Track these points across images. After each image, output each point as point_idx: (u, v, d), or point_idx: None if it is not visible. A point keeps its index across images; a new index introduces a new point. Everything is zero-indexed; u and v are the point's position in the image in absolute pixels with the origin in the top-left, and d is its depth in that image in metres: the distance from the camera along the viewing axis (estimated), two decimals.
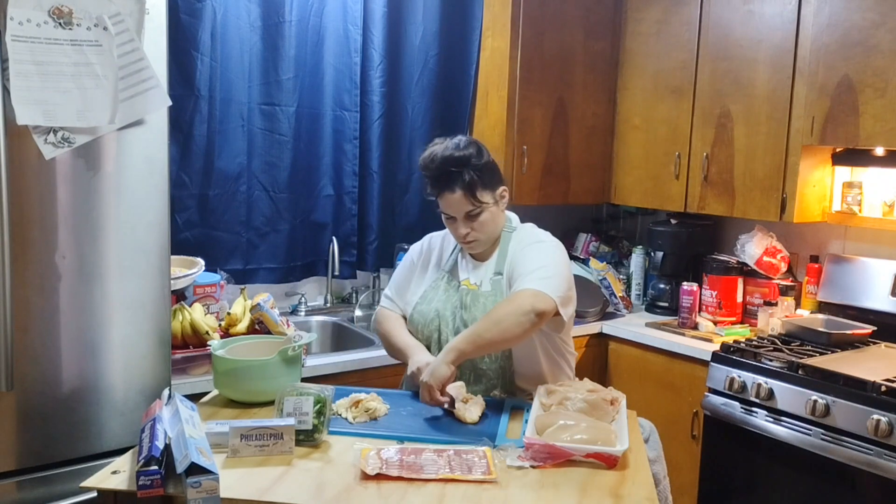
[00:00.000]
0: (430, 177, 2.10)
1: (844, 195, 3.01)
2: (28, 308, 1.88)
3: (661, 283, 3.49)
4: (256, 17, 2.91)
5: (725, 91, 3.12)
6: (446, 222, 2.15)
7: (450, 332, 2.11)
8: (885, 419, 2.30)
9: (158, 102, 1.98)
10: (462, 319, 2.10)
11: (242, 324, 2.66)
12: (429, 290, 2.19)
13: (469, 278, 2.18)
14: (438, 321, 2.13)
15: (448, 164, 2.06)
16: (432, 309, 2.14)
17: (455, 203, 2.07)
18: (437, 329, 2.13)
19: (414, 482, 1.58)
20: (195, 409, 1.82)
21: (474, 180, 2.06)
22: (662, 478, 1.99)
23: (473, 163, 2.07)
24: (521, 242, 2.16)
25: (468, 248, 2.17)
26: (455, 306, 2.13)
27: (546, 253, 2.10)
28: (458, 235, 2.12)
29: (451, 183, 2.06)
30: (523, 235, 2.19)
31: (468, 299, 2.12)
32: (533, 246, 2.12)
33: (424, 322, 2.14)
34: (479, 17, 3.40)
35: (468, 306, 2.11)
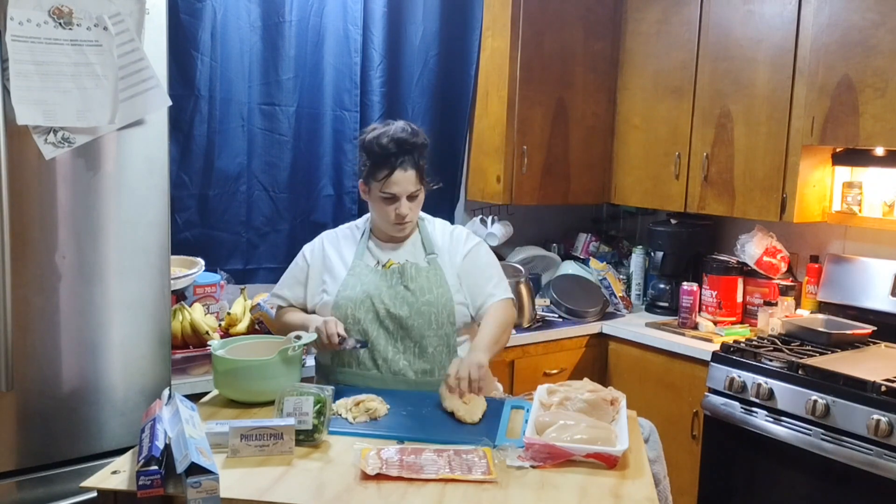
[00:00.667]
0: (381, 154, 2.18)
1: (844, 195, 3.01)
2: (28, 308, 1.88)
3: (661, 283, 3.49)
4: (256, 17, 2.91)
5: (725, 91, 3.12)
6: (383, 203, 2.21)
7: (387, 304, 2.17)
8: (885, 419, 2.30)
9: (158, 102, 1.98)
10: (407, 289, 2.19)
11: (242, 324, 2.66)
12: (349, 278, 2.24)
13: (390, 259, 2.26)
14: (370, 300, 2.18)
15: (404, 144, 2.18)
16: (359, 291, 2.20)
17: (405, 182, 2.18)
18: (372, 307, 2.18)
19: (414, 482, 1.58)
20: (195, 409, 1.82)
21: (422, 163, 2.23)
22: (662, 478, 1.99)
23: (420, 145, 2.22)
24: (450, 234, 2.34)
25: (400, 228, 2.25)
26: (390, 283, 2.20)
27: (492, 257, 2.37)
28: (399, 215, 2.21)
29: (405, 163, 2.18)
30: (441, 225, 2.37)
31: (412, 271, 2.21)
32: (479, 247, 2.34)
33: (355, 305, 2.19)
34: (479, 17, 3.40)
35: (412, 276, 2.21)
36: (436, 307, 2.18)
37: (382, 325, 2.18)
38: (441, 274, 2.23)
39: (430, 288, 2.20)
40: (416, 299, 2.17)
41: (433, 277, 2.22)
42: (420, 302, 2.17)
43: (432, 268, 2.24)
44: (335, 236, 2.36)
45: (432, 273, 2.23)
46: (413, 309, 2.17)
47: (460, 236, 2.34)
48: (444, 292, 2.20)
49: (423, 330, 2.17)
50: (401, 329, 2.18)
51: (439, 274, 2.23)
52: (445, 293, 2.20)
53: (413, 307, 2.17)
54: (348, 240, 2.33)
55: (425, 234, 2.31)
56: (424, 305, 2.17)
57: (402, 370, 2.17)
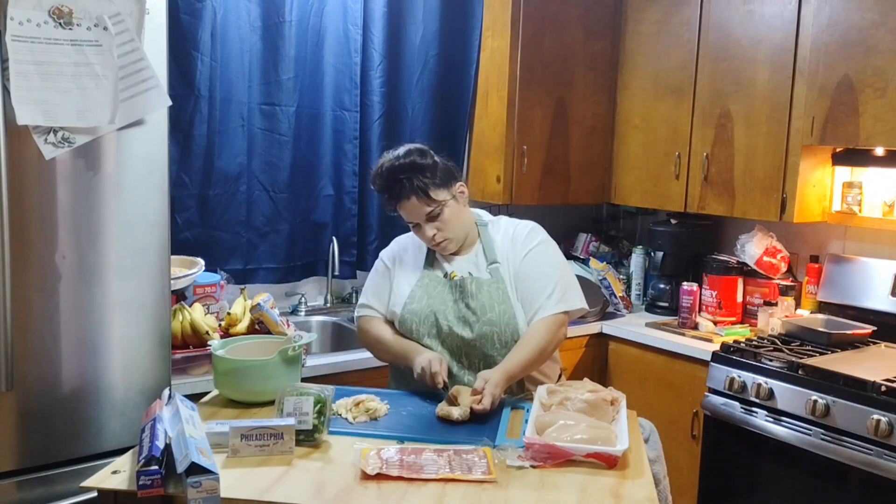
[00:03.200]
0: (382, 191, 2.15)
1: (844, 195, 3.01)
2: (28, 308, 1.88)
3: (661, 283, 3.49)
4: (256, 17, 2.91)
5: (725, 91, 3.12)
6: (414, 231, 2.18)
7: (451, 322, 2.11)
8: (885, 419, 2.30)
9: (158, 102, 1.98)
10: (469, 308, 2.11)
11: (242, 324, 2.66)
12: (416, 290, 2.18)
13: (454, 271, 2.19)
14: (434, 317, 2.12)
15: (394, 173, 2.10)
16: (425, 305, 2.14)
17: (412, 209, 2.11)
18: (435, 324, 2.13)
19: (414, 482, 1.58)
20: (195, 409, 1.82)
21: (424, 182, 2.09)
22: (662, 478, 1.99)
23: (418, 165, 2.10)
24: (512, 235, 2.20)
25: (440, 249, 2.18)
26: (455, 297, 2.13)
27: (553, 261, 2.19)
28: (427, 239, 2.15)
29: (402, 191, 2.09)
30: (506, 225, 2.24)
31: (472, 287, 2.13)
32: (536, 250, 2.18)
33: (419, 321, 2.14)
34: (479, 17, 3.40)
35: (473, 294, 2.12)
36: (498, 326, 2.09)
37: (445, 343, 2.12)
38: (503, 288, 2.12)
39: (493, 305, 2.10)
40: (477, 319, 2.09)
41: (495, 293, 2.11)
42: (482, 322, 2.09)
43: (494, 280, 2.13)
44: (408, 243, 2.28)
45: (494, 287, 2.12)
46: (475, 330, 2.09)
47: (520, 237, 2.20)
48: (507, 309, 2.10)
49: (486, 349, 2.10)
50: (465, 346, 2.11)
51: (501, 288, 2.12)
52: (508, 310, 2.10)
53: (475, 328, 2.09)
54: (420, 248, 2.25)
55: (486, 241, 2.20)
56: (486, 325, 2.09)
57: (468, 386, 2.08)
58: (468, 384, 2.07)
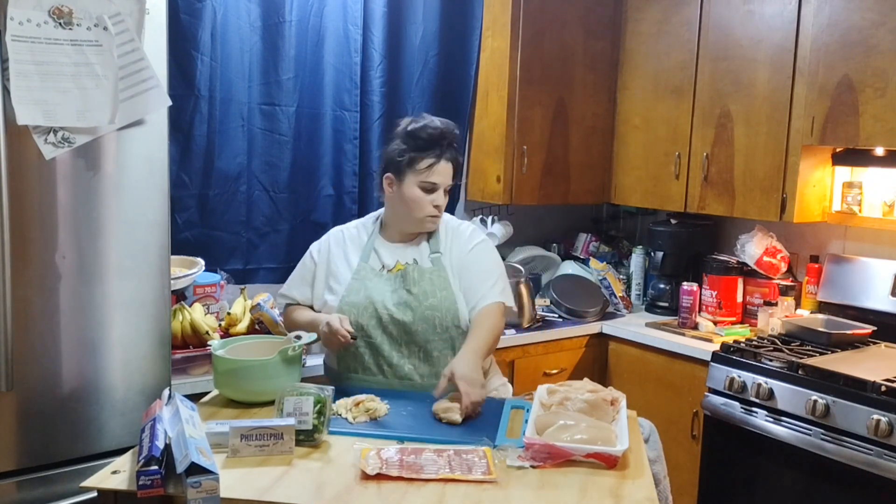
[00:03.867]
0: (428, 142, 2.16)
1: (844, 195, 3.01)
2: (28, 308, 1.88)
3: (661, 283, 3.49)
4: (256, 17, 2.90)
5: (725, 91, 3.12)
6: (421, 193, 2.18)
7: (391, 309, 2.15)
8: (885, 419, 2.30)
9: (158, 102, 1.98)
10: (410, 293, 2.16)
11: (242, 324, 2.66)
12: (353, 282, 2.21)
13: (398, 261, 2.23)
14: (374, 306, 2.16)
15: (449, 136, 2.17)
16: (363, 297, 2.18)
17: (445, 174, 2.18)
18: (375, 313, 2.16)
19: (414, 482, 1.58)
20: (195, 409, 1.82)
21: (460, 159, 2.24)
22: (662, 478, 1.99)
23: (459, 139, 2.25)
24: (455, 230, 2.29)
25: (433, 221, 2.23)
26: (394, 287, 2.18)
27: (494, 257, 2.31)
28: (436, 206, 2.20)
29: (446, 153, 2.17)
30: (447, 221, 2.32)
31: (415, 274, 2.18)
32: (481, 246, 2.29)
33: (359, 311, 2.16)
34: (479, 17, 3.40)
35: (415, 280, 2.17)
36: (440, 311, 2.15)
37: (386, 330, 2.16)
38: (445, 276, 2.20)
39: (434, 291, 2.17)
40: (419, 304, 2.15)
41: (437, 280, 2.19)
42: (423, 307, 2.14)
43: (436, 269, 2.21)
44: (342, 237, 2.32)
45: (436, 275, 2.19)
46: (416, 314, 2.14)
47: (464, 233, 2.30)
48: (448, 296, 2.17)
49: (427, 335, 2.15)
50: (405, 334, 2.16)
51: (443, 276, 2.20)
52: (449, 296, 2.17)
53: (416, 312, 2.14)
54: (355, 241, 2.30)
55: (434, 234, 2.28)
56: (428, 310, 2.14)
57: (408, 374, 2.16)
58: (409, 372, 2.16)
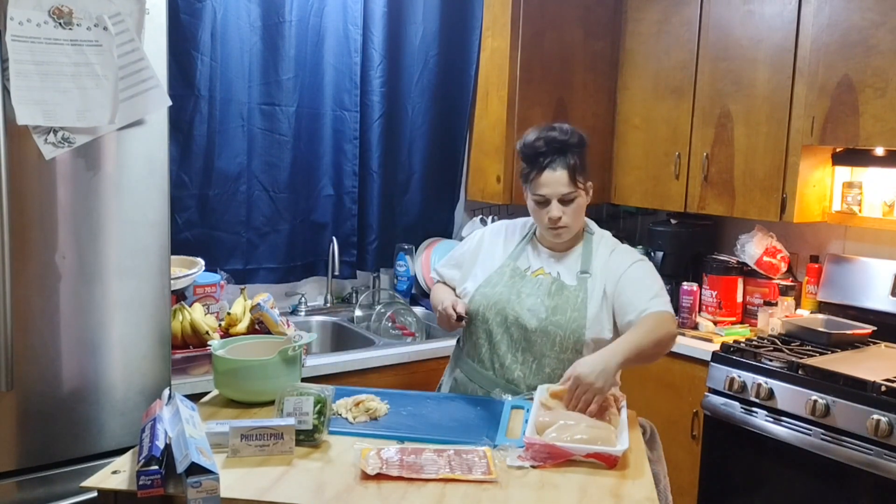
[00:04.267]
0: (533, 154, 2.12)
1: (844, 195, 3.01)
2: (28, 308, 1.88)
3: None
4: (256, 17, 2.91)
5: (725, 91, 3.12)
6: (536, 207, 2.14)
7: (518, 311, 2.10)
8: (885, 419, 2.30)
9: (158, 102, 1.98)
10: (542, 304, 2.10)
11: (242, 324, 2.66)
12: (494, 275, 2.19)
13: (542, 268, 2.18)
14: (504, 304, 2.12)
15: (553, 142, 2.10)
16: (497, 292, 2.14)
17: (554, 182, 2.08)
18: (503, 311, 2.12)
19: (414, 482, 1.58)
20: (195, 409, 1.82)
21: (576, 163, 2.11)
22: (662, 478, 1.99)
23: (578, 146, 2.13)
24: (611, 250, 2.19)
25: (556, 234, 2.15)
26: (530, 290, 2.12)
27: (652, 273, 2.16)
28: (552, 219, 2.11)
29: (554, 163, 2.09)
30: (607, 241, 2.23)
31: (553, 288, 2.12)
32: (638, 265, 2.15)
33: (488, 304, 2.14)
34: (479, 17, 3.40)
35: (552, 293, 2.11)
36: (563, 330, 2.06)
37: (508, 331, 2.11)
38: (584, 298, 2.10)
39: (566, 309, 2.08)
40: (546, 316, 2.08)
41: (573, 299, 2.09)
42: (549, 321, 2.08)
43: (578, 288, 2.11)
44: (502, 229, 2.30)
45: (574, 294, 2.10)
46: (540, 325, 2.08)
47: (620, 253, 2.18)
48: (579, 318, 2.07)
49: (544, 349, 2.09)
50: (524, 340, 2.11)
51: (582, 296, 2.10)
52: (579, 318, 2.07)
53: (542, 323, 2.08)
54: (511, 237, 2.27)
55: (587, 250, 2.18)
56: (552, 325, 2.07)
57: (516, 380, 2.11)
58: (517, 378, 2.10)
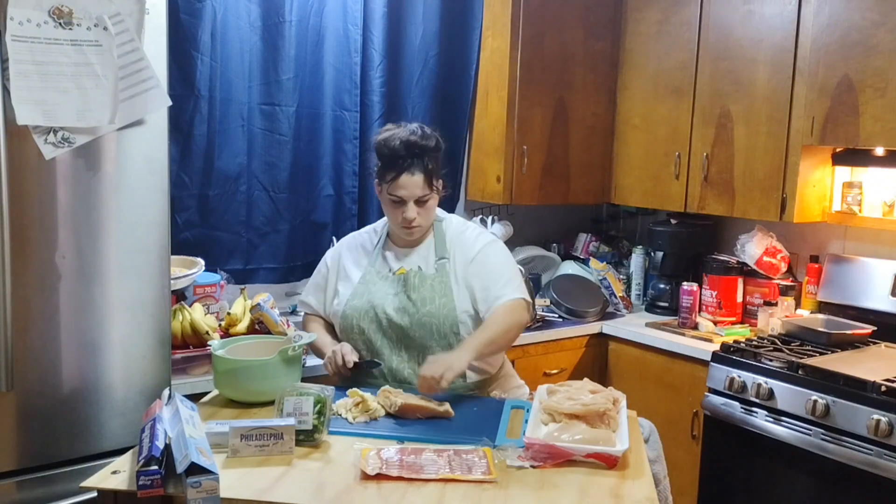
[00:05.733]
0: (390, 157, 2.16)
1: (844, 195, 3.01)
2: (28, 308, 1.88)
3: (661, 283, 3.49)
4: (256, 17, 2.90)
5: (725, 91, 3.12)
6: (391, 206, 2.20)
7: (390, 313, 2.16)
8: (885, 419, 2.30)
9: (158, 102, 1.98)
10: (409, 299, 2.16)
11: (242, 324, 2.66)
12: (358, 287, 2.24)
13: (402, 266, 2.24)
14: (374, 310, 2.18)
15: (413, 147, 2.14)
16: (365, 301, 2.20)
17: (412, 186, 2.15)
18: (375, 317, 2.18)
19: (414, 482, 1.58)
20: (195, 409, 1.82)
21: (433, 167, 2.17)
22: (662, 478, 1.99)
23: (432, 149, 2.18)
24: (461, 234, 2.28)
25: (409, 233, 2.22)
26: (396, 290, 2.19)
27: (504, 256, 2.28)
28: (406, 219, 2.17)
29: (412, 166, 2.14)
30: (456, 225, 2.32)
31: (416, 280, 2.18)
32: (489, 247, 2.26)
33: (360, 315, 2.19)
34: (479, 17, 3.40)
35: (415, 286, 2.17)
36: (437, 318, 2.15)
37: (385, 334, 2.18)
38: (447, 282, 2.19)
39: (433, 298, 2.16)
40: (416, 310, 2.15)
41: (437, 286, 2.18)
42: (421, 313, 2.15)
43: (439, 275, 2.20)
44: (354, 243, 2.36)
45: (437, 281, 2.19)
46: (414, 320, 2.15)
47: (470, 238, 2.27)
48: (447, 302, 2.16)
49: (425, 340, 2.15)
50: (404, 338, 2.17)
51: (445, 282, 2.19)
52: (448, 303, 2.16)
53: (414, 318, 2.15)
54: (365, 247, 2.33)
55: (439, 237, 2.27)
56: (426, 316, 2.14)
57: (408, 378, 2.16)
58: (408, 376, 2.15)
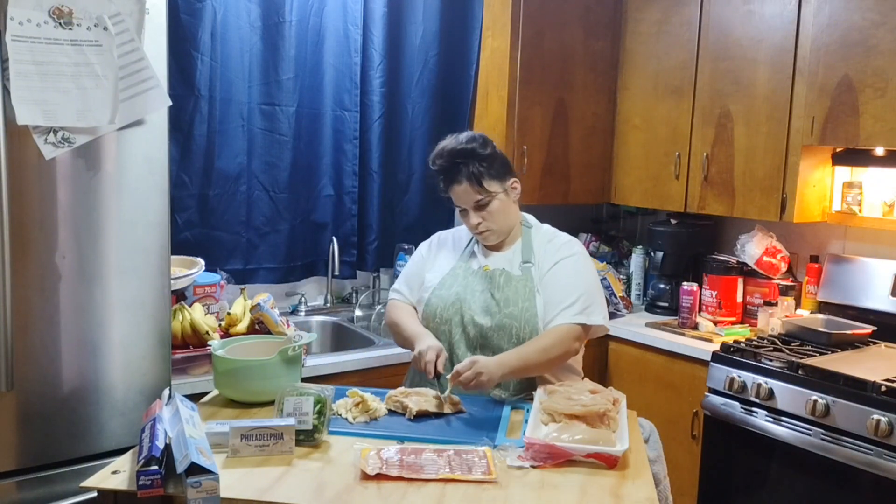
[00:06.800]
0: (438, 171, 2.19)
1: (844, 195, 3.01)
2: (28, 308, 1.88)
3: (661, 283, 3.49)
4: (256, 17, 2.91)
5: (725, 91, 3.12)
6: (461, 215, 2.23)
7: (474, 310, 2.15)
8: (885, 419, 2.30)
9: (158, 102, 1.98)
10: (493, 298, 2.15)
11: (242, 324, 2.66)
12: (447, 277, 2.24)
13: (488, 264, 2.24)
14: (460, 304, 2.17)
15: (453, 156, 2.16)
16: (453, 293, 2.19)
17: (462, 194, 2.16)
18: (459, 311, 2.16)
19: (414, 482, 1.58)
20: (195, 409, 1.82)
21: (479, 170, 2.15)
22: (662, 478, 1.99)
23: (478, 153, 2.17)
24: (549, 241, 2.26)
25: (482, 238, 2.23)
26: (483, 287, 2.18)
27: (578, 272, 2.19)
28: (471, 226, 2.20)
29: (457, 175, 2.16)
30: (546, 232, 2.30)
31: (501, 279, 2.17)
32: (568, 260, 2.20)
33: (444, 306, 2.18)
34: (479, 17, 3.40)
35: (501, 286, 2.16)
36: (518, 321, 2.12)
37: (465, 330, 2.16)
38: (531, 286, 2.16)
39: (516, 300, 2.13)
40: (499, 310, 2.13)
41: (521, 289, 2.15)
42: (503, 314, 2.12)
43: (524, 278, 2.17)
44: (448, 237, 2.37)
45: (521, 284, 2.16)
46: (495, 320, 2.12)
47: (554, 246, 2.23)
48: (530, 307, 2.13)
49: (501, 342, 2.12)
50: (481, 338, 2.14)
51: (529, 286, 2.15)
52: (530, 308, 2.13)
53: (496, 318, 2.12)
54: (459, 242, 2.33)
55: (526, 241, 2.25)
56: (507, 318, 2.12)
57: None
58: None
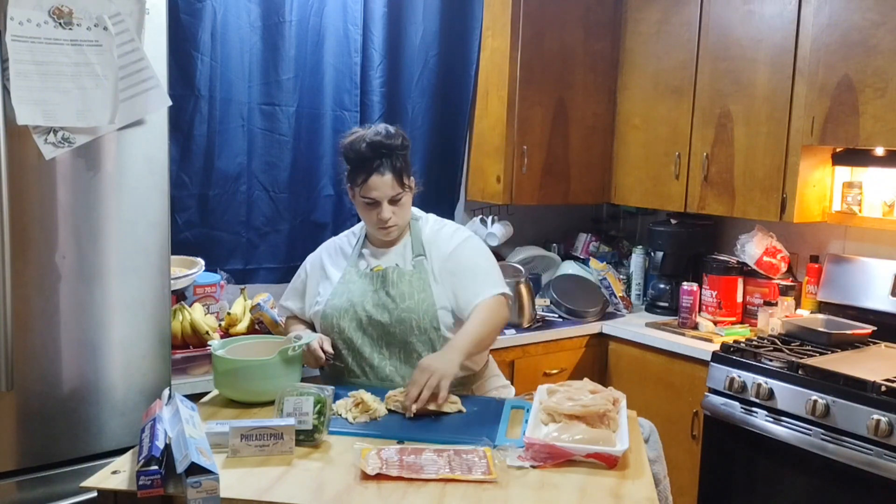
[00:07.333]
0: (357, 160, 2.17)
1: (844, 195, 3.01)
2: (28, 308, 1.88)
3: (661, 283, 3.49)
4: (256, 17, 2.90)
5: (725, 91, 3.12)
6: (365, 209, 2.20)
7: (369, 310, 2.16)
8: (885, 419, 2.30)
9: (158, 102, 1.98)
10: (388, 295, 2.17)
11: (242, 324, 2.66)
12: (338, 287, 2.24)
13: (380, 264, 2.25)
14: (354, 309, 2.18)
15: (379, 147, 2.15)
16: (345, 300, 2.20)
17: (383, 186, 2.15)
18: (355, 315, 2.18)
19: (414, 482, 1.58)
20: (195, 409, 1.82)
21: (401, 165, 2.17)
22: (662, 478, 1.99)
23: (400, 147, 2.18)
24: (438, 232, 2.29)
25: (385, 233, 2.23)
26: (375, 287, 2.19)
27: (481, 251, 2.30)
28: (381, 219, 2.18)
29: (380, 167, 2.14)
30: (433, 223, 2.33)
31: (394, 276, 2.19)
32: (465, 244, 2.27)
33: (339, 314, 2.19)
34: (479, 17, 3.40)
35: (394, 282, 2.18)
36: (416, 313, 2.15)
37: (366, 332, 2.18)
38: (425, 278, 2.19)
39: (412, 293, 2.16)
40: (396, 306, 2.15)
41: (416, 282, 2.18)
42: (400, 308, 2.15)
43: (416, 272, 2.20)
44: (334, 246, 2.36)
45: (415, 278, 2.19)
46: (393, 316, 2.15)
47: (446, 234, 2.28)
48: (426, 297, 2.17)
49: (406, 336, 2.15)
50: (384, 335, 2.17)
51: (423, 278, 2.19)
52: (427, 298, 2.16)
53: (393, 314, 2.15)
54: (344, 249, 2.34)
55: (415, 235, 2.28)
56: (405, 312, 2.15)
57: (389, 376, 2.16)
58: (390, 374, 2.16)
